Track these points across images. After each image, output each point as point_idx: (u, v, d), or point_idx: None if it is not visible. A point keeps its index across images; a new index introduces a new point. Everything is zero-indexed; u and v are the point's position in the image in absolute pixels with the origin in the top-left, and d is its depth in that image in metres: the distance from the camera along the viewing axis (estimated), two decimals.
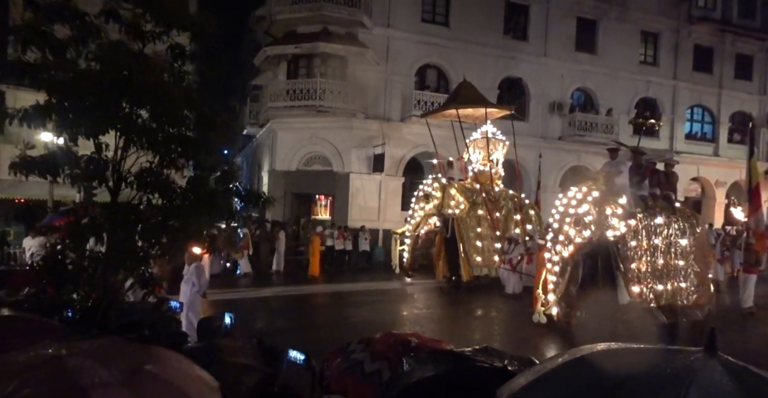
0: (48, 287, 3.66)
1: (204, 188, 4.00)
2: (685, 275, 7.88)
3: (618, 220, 7.13)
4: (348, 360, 2.67)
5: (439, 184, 11.01)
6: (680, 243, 7.88)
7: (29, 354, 1.56)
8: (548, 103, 19.58)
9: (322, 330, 7.38)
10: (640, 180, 8.08)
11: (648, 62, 21.56)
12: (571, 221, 7.20)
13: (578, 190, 7.43)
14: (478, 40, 18.09)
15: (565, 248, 7.23)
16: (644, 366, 1.32)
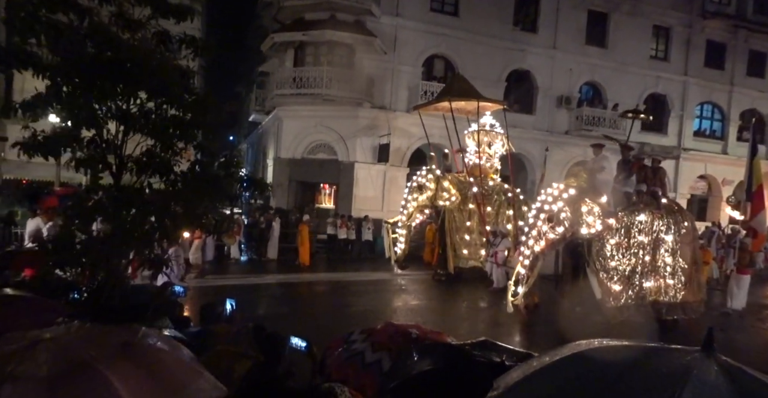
0: (54, 268, 3.72)
1: (206, 173, 4.03)
2: (671, 272, 7.87)
3: (594, 218, 7.18)
4: (349, 350, 2.69)
5: (433, 175, 10.94)
6: (665, 240, 7.88)
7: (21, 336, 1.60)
8: (556, 96, 19.40)
9: (310, 318, 7.46)
10: (627, 176, 8.04)
11: (659, 57, 21.26)
12: (545, 217, 7.33)
13: (556, 187, 7.50)
14: (486, 31, 17.87)
15: (537, 243, 7.39)
16: (640, 364, 1.34)
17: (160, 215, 3.85)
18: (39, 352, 1.44)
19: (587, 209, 7.16)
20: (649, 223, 7.76)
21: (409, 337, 2.64)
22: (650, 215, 7.80)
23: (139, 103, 3.78)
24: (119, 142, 3.77)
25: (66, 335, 1.61)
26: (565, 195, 7.27)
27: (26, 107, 3.42)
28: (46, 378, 1.35)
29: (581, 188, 7.39)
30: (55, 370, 1.38)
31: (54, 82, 3.49)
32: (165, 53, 3.85)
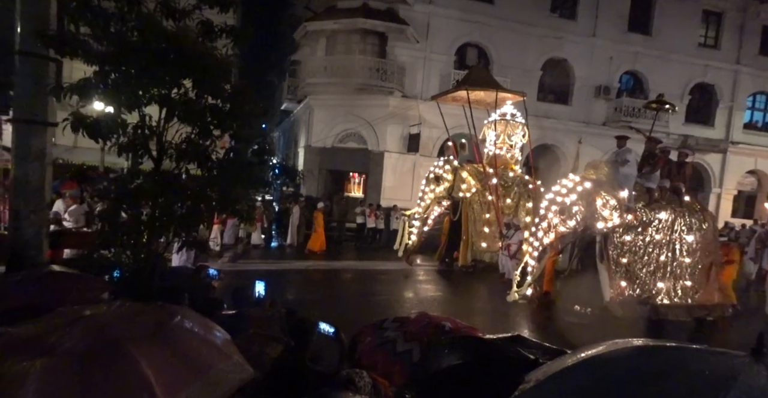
0: (99, 248, 3.91)
1: (240, 161, 4.12)
2: (690, 274, 7.54)
3: (610, 211, 6.93)
4: (381, 337, 2.70)
5: (450, 166, 10.70)
6: (686, 240, 7.52)
7: (68, 312, 1.69)
8: (594, 86, 18.68)
9: (331, 304, 7.51)
10: (651, 170, 7.68)
11: (708, 45, 20.07)
12: (557, 209, 7.12)
13: (571, 179, 7.26)
14: (522, 18, 17.32)
15: (546, 235, 7.23)
16: (681, 365, 1.29)
17: (196, 200, 3.98)
18: (78, 329, 1.52)
19: (602, 202, 6.94)
20: (670, 222, 7.44)
21: (442, 329, 2.63)
22: (672, 213, 7.48)
23: (183, 91, 3.89)
24: (160, 129, 3.90)
25: (104, 314, 1.70)
26: (580, 188, 7.06)
27: (74, 90, 3.58)
28: (79, 354, 1.42)
29: (599, 181, 7.14)
30: (88, 347, 1.45)
31: (102, 68, 3.63)
32: (208, 43, 3.93)
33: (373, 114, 16.55)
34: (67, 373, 1.37)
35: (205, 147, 3.99)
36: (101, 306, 1.83)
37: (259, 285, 4.03)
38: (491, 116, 11.40)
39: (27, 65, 4.03)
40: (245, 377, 1.73)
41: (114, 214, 3.91)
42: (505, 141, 11.16)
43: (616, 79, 19.10)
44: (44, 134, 4.16)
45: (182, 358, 1.59)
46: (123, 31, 3.70)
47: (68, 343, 1.45)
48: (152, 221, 3.87)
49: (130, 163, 4.51)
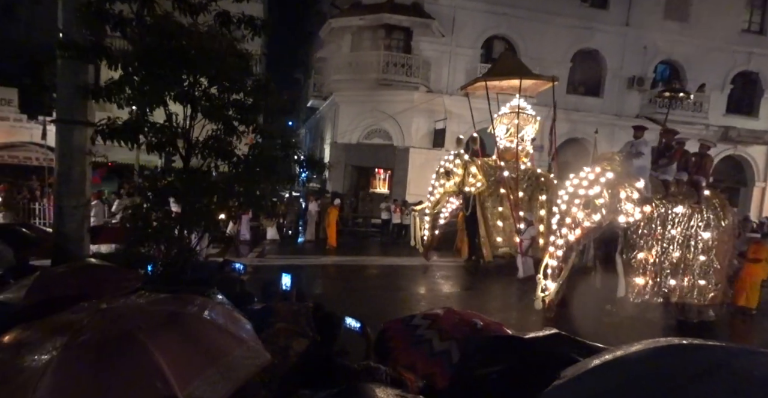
0: (134, 243, 4.10)
1: (266, 156, 4.20)
2: (705, 272, 7.14)
3: (633, 205, 6.52)
4: (414, 335, 2.66)
5: (460, 160, 10.48)
6: (702, 236, 7.09)
7: (89, 305, 1.76)
8: (627, 77, 18.01)
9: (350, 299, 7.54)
10: (668, 163, 7.28)
11: (752, 30, 18.99)
12: (581, 203, 6.61)
13: (591, 170, 6.74)
14: (551, 8, 16.85)
15: (571, 231, 6.67)
16: (724, 364, 1.25)
17: (223, 196, 4.10)
18: (94, 321, 1.58)
19: (626, 195, 6.51)
20: (686, 217, 7.05)
21: (474, 327, 2.60)
22: (688, 207, 7.09)
23: (203, 88, 3.99)
24: (187, 127, 4.03)
25: (121, 306, 1.76)
26: (603, 179, 6.55)
27: (105, 91, 3.75)
28: (96, 345, 1.48)
29: (617, 172, 6.72)
30: (102, 339, 1.51)
31: (126, 71, 3.78)
32: (227, 35, 3.99)
33: (399, 109, 16.52)
34: (82, 365, 1.42)
35: (230, 143, 4.09)
36: (118, 299, 1.89)
37: (285, 278, 4.12)
38: (501, 110, 11.15)
39: (67, 69, 4.24)
40: (262, 363, 1.74)
41: (146, 210, 4.07)
42: (516, 134, 10.84)
43: (651, 70, 18.36)
44: (84, 133, 4.38)
45: (196, 346, 1.62)
46: (140, 32, 3.82)
47: (84, 336, 1.51)
48: (182, 216, 4.02)
49: (163, 161, 4.68)
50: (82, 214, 4.53)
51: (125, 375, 1.45)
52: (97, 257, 4.40)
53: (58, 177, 4.45)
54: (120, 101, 3.85)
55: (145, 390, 1.42)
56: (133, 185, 11.39)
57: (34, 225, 7.35)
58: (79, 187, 4.43)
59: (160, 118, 4.00)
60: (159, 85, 3.74)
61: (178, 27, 3.73)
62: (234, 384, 1.60)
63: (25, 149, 13.35)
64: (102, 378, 1.41)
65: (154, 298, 1.90)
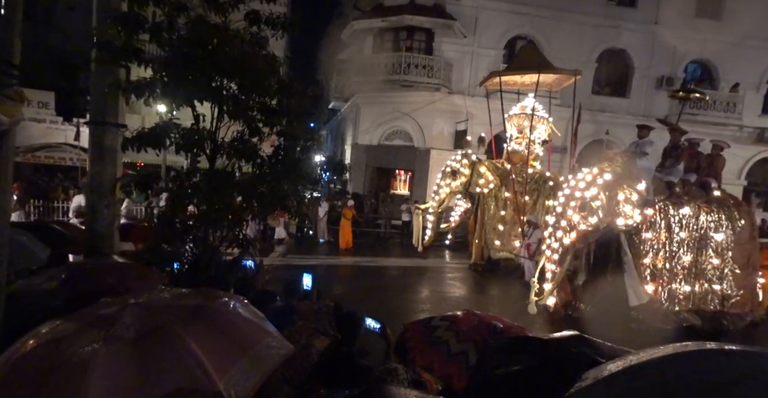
0: (161, 241, 4.21)
1: (288, 157, 4.26)
2: (720, 276, 6.77)
3: (632, 207, 6.25)
4: (432, 336, 2.65)
5: (468, 160, 10.31)
6: (714, 238, 6.73)
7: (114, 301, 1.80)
8: (655, 77, 17.51)
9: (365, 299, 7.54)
10: (675, 163, 7.00)
11: None
12: (576, 205, 6.43)
13: (588, 171, 6.53)
14: (576, 7, 16.55)
15: (566, 234, 6.52)
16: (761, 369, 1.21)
17: (247, 196, 4.18)
18: (126, 315, 1.62)
19: (624, 196, 6.27)
20: (694, 218, 6.74)
21: (494, 330, 2.58)
22: (696, 208, 6.76)
23: (230, 90, 4.08)
24: (213, 128, 4.13)
25: (149, 300, 1.80)
26: (600, 180, 6.35)
27: (132, 90, 3.87)
28: (132, 339, 1.52)
29: (617, 173, 6.48)
30: (139, 332, 1.55)
31: (156, 73, 3.90)
32: (255, 35, 4.07)
33: (420, 111, 16.49)
34: (126, 359, 1.45)
35: (254, 144, 4.16)
36: (144, 295, 1.94)
37: (306, 278, 4.17)
38: (511, 110, 10.90)
39: (100, 73, 4.40)
40: (286, 353, 1.77)
41: (170, 211, 4.18)
42: (525, 136, 10.59)
43: (681, 69, 17.79)
44: (115, 134, 4.53)
45: (226, 336, 1.65)
46: (172, 36, 3.92)
47: (121, 330, 1.55)
48: (207, 216, 4.11)
49: (189, 162, 4.79)
50: (112, 212, 4.69)
51: (167, 367, 1.47)
52: (125, 254, 4.54)
53: (90, 177, 4.62)
54: (150, 99, 3.97)
55: (187, 380, 1.45)
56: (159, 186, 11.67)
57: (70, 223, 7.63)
58: (109, 187, 4.59)
59: (187, 119, 4.11)
60: (188, 87, 3.84)
61: (209, 30, 3.82)
62: (264, 373, 1.62)
63: (60, 150, 13.90)
64: (145, 370, 1.44)
65: (177, 292, 1.95)
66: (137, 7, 3.84)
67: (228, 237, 4.27)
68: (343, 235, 12.85)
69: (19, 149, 12.67)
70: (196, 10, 4.00)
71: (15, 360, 1.46)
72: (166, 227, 4.20)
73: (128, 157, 12.50)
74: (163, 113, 4.20)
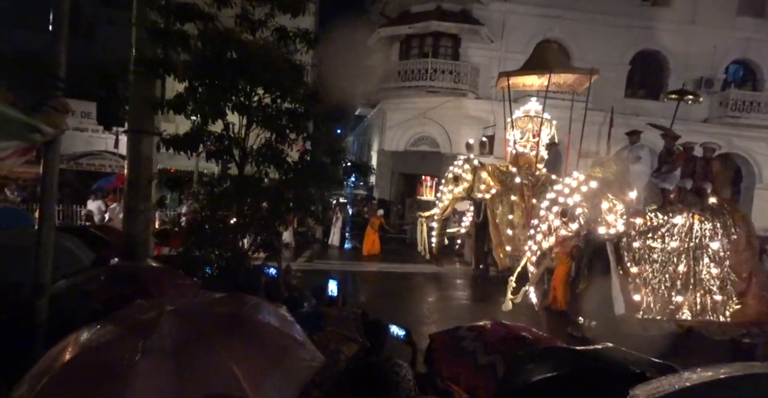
0: (194, 247, 4.32)
1: (314, 162, 4.31)
2: (720, 286, 6.45)
3: (615, 216, 6.15)
4: (459, 347, 2.61)
5: (469, 165, 10.07)
6: (711, 247, 6.45)
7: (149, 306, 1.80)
8: (693, 79, 16.82)
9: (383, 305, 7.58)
10: (670, 169, 6.70)
11: None
12: (558, 211, 6.49)
13: (575, 177, 6.55)
14: (608, 9, 16.15)
15: (545, 238, 6.61)
16: None
17: (275, 202, 4.25)
18: (163, 324, 1.59)
19: (608, 205, 6.23)
20: (687, 227, 6.48)
21: (522, 341, 2.51)
22: (689, 217, 6.50)
23: (257, 98, 4.19)
24: (242, 135, 4.24)
25: (187, 306, 1.78)
26: (584, 188, 6.38)
27: (169, 105, 4.03)
28: (172, 350, 1.50)
29: (606, 180, 6.40)
30: (178, 342, 1.53)
31: (190, 83, 4.04)
32: (282, 49, 4.18)
33: (446, 117, 16.41)
34: (164, 371, 1.44)
35: (281, 151, 4.24)
36: (179, 300, 1.93)
37: (331, 284, 4.19)
38: (516, 113, 10.67)
39: (138, 84, 4.59)
40: (318, 365, 1.74)
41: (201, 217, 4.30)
42: (530, 139, 10.35)
43: (722, 70, 17.06)
44: (151, 142, 4.71)
45: (260, 347, 1.64)
46: (201, 47, 4.06)
47: (156, 339, 1.53)
48: (237, 222, 4.20)
49: (220, 168, 4.92)
50: (148, 217, 4.86)
51: (203, 380, 1.46)
52: (160, 259, 4.68)
53: (128, 183, 4.81)
54: (184, 112, 4.12)
55: (222, 395, 1.43)
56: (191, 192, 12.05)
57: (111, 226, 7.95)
58: (145, 192, 4.76)
59: (218, 127, 4.23)
60: (218, 96, 3.97)
61: (236, 39, 3.95)
62: (297, 386, 1.60)
63: (101, 157, 14.56)
64: (183, 383, 1.43)
65: (211, 298, 1.95)
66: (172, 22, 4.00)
67: (256, 242, 4.34)
68: (367, 242, 12.88)
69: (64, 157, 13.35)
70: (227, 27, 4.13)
71: (56, 368, 1.48)
72: (197, 232, 4.32)
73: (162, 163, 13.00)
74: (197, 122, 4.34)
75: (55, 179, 2.55)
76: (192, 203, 9.43)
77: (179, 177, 4.25)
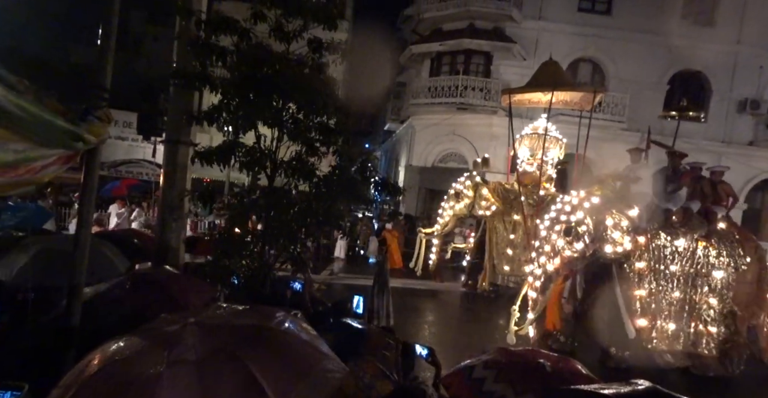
0: (222, 256, 4.37)
1: (345, 177, 4.32)
2: (715, 319, 5.97)
3: (621, 234, 5.76)
4: (483, 393, 2.34)
5: (471, 182, 9.89)
6: (713, 276, 5.98)
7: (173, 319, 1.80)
8: (737, 100, 16.19)
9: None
10: (675, 189, 6.31)
11: None
12: (561, 229, 6.09)
13: (576, 194, 6.20)
14: (646, 27, 15.81)
15: (550, 260, 6.17)
16: None
17: (303, 215, 4.26)
18: (187, 336, 1.60)
19: (613, 222, 5.83)
20: (689, 251, 6.06)
21: (543, 371, 2.33)
22: (693, 240, 6.07)
23: (290, 112, 4.25)
24: (274, 148, 4.30)
25: (209, 318, 1.79)
26: (587, 204, 5.98)
27: (205, 117, 4.15)
28: (195, 362, 1.50)
29: (607, 197, 6.06)
30: (201, 355, 1.53)
31: (225, 97, 4.15)
32: (316, 60, 4.25)
33: (475, 134, 16.30)
34: (189, 382, 1.45)
35: (312, 163, 4.28)
36: (202, 311, 1.94)
37: (356, 300, 4.13)
38: (524, 130, 10.41)
39: (177, 96, 4.76)
40: (343, 377, 1.72)
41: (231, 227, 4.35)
42: (537, 157, 10.00)
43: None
44: (187, 152, 4.84)
45: (286, 359, 1.62)
46: (238, 62, 4.17)
47: (180, 351, 1.54)
48: (265, 233, 4.23)
49: (250, 179, 5.00)
50: (180, 225, 4.96)
51: (228, 392, 1.45)
52: (189, 266, 4.75)
53: (163, 192, 4.94)
54: (218, 124, 4.23)
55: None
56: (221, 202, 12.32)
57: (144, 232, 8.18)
58: (179, 201, 4.88)
59: (250, 139, 4.31)
60: (252, 110, 4.05)
61: (270, 55, 4.04)
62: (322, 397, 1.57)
63: (139, 165, 15.15)
64: (207, 396, 1.43)
65: (233, 310, 1.95)
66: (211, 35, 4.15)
67: (283, 255, 4.35)
68: (391, 255, 12.79)
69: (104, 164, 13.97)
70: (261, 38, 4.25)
71: (84, 379, 1.50)
72: (226, 242, 4.37)
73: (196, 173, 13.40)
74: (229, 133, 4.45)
75: (95, 185, 2.63)
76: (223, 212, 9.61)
77: (211, 191, 4.33)
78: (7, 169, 1.89)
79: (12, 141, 1.79)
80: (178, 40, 4.66)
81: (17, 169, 1.96)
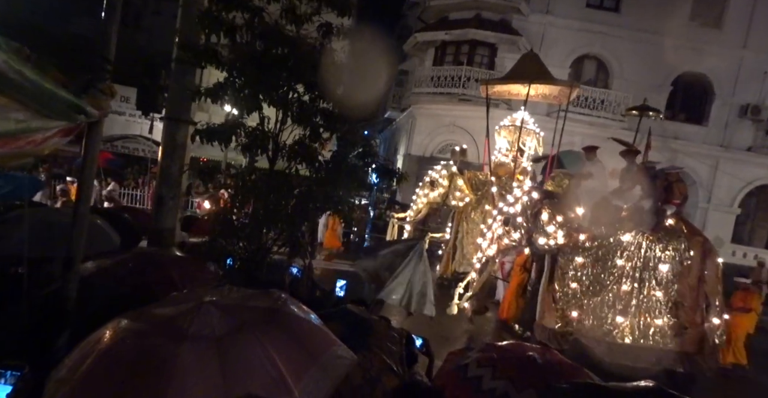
0: (218, 237, 4.35)
1: (345, 162, 4.29)
2: (662, 310, 6.10)
3: (555, 227, 6.10)
4: (482, 392, 2.30)
5: (447, 171, 10.04)
6: (659, 269, 6.15)
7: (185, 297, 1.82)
8: (739, 105, 16.20)
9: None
10: (630, 187, 6.60)
11: None
12: (502, 220, 6.84)
13: (520, 188, 6.96)
14: (653, 27, 15.69)
15: (489, 246, 6.93)
16: None
17: (303, 199, 4.24)
18: (204, 314, 1.63)
19: (548, 216, 6.25)
20: (635, 246, 6.21)
21: (534, 363, 2.34)
22: (639, 236, 6.23)
23: (297, 95, 4.19)
24: (277, 131, 4.25)
25: (223, 298, 1.81)
26: (526, 198, 6.62)
27: (207, 94, 4.08)
28: (214, 338, 1.53)
29: (551, 193, 6.48)
30: (220, 332, 1.56)
31: (230, 74, 4.07)
32: (326, 45, 4.18)
33: (476, 126, 16.20)
34: (207, 358, 1.47)
35: (314, 148, 4.24)
36: (217, 291, 1.96)
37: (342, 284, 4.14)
38: (503, 121, 10.44)
39: (179, 72, 4.68)
40: (352, 363, 1.75)
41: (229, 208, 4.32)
42: (512, 149, 10.04)
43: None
44: (186, 130, 4.79)
45: (298, 342, 1.65)
46: (249, 40, 4.08)
47: (199, 328, 1.56)
48: (263, 216, 4.21)
49: (247, 160, 4.95)
50: (176, 204, 4.93)
51: (247, 368, 1.48)
52: (185, 246, 4.74)
53: (160, 169, 4.89)
54: (221, 102, 4.16)
55: (265, 384, 1.45)
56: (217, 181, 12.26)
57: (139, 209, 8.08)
58: (176, 179, 4.84)
59: (252, 120, 4.25)
60: (258, 89, 3.99)
61: (284, 36, 3.96)
62: (333, 382, 1.61)
63: (135, 141, 15.00)
64: (226, 371, 1.46)
65: (245, 293, 1.97)
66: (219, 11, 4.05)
67: (280, 238, 4.34)
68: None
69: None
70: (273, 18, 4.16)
71: (101, 351, 1.51)
72: (224, 223, 4.34)
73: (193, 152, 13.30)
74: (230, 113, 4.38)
75: (96, 159, 2.60)
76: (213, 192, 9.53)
77: (213, 168, 4.28)
78: (8, 139, 1.85)
79: (13, 110, 1.74)
80: (182, 9, 4.55)
81: (18, 140, 1.93)
